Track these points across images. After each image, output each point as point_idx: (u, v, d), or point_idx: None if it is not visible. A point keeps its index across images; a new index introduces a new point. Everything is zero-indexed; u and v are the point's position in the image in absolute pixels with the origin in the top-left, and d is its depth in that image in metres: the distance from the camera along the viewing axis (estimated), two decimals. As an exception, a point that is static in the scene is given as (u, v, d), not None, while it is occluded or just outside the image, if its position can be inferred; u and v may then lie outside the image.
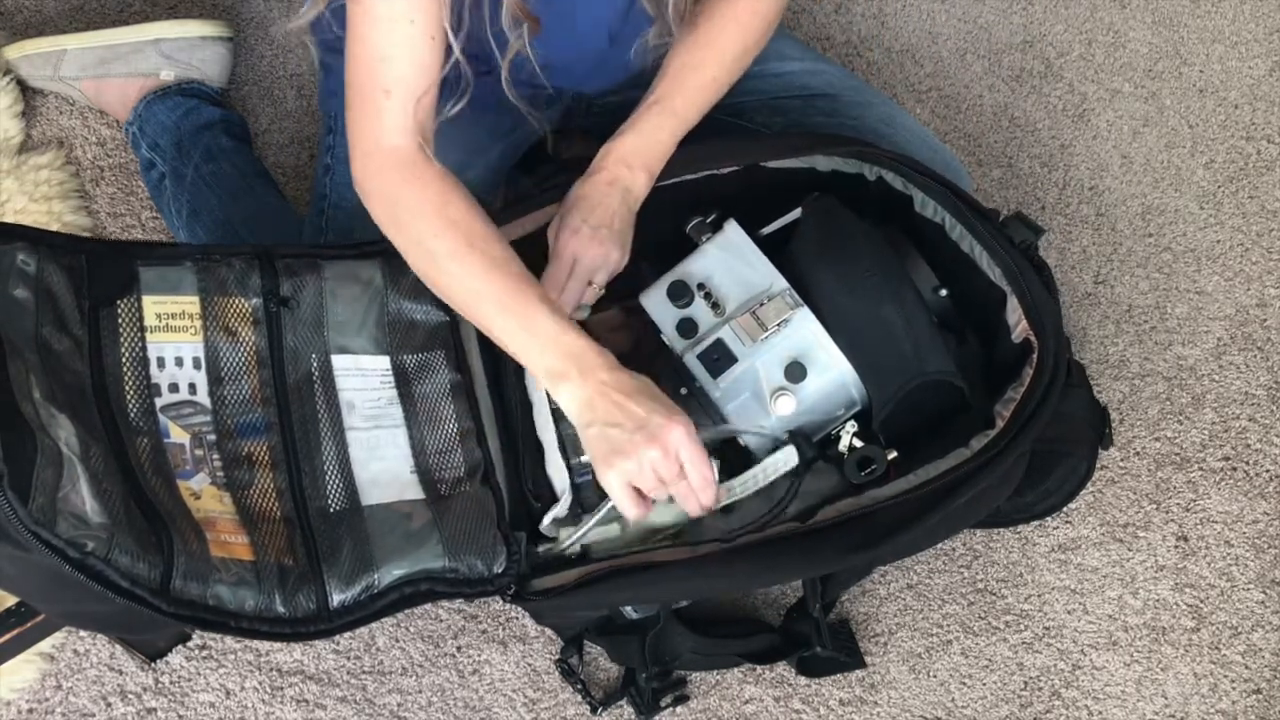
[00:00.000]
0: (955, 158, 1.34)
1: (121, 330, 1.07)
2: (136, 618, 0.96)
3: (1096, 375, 1.44)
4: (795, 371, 1.08)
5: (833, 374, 1.09)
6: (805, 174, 1.20)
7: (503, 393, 1.16)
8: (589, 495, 1.12)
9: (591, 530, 1.08)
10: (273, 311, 1.13)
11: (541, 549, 1.10)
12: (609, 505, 1.06)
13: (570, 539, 1.08)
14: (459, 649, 1.27)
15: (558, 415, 1.13)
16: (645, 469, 0.98)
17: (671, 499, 1.04)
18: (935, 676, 1.29)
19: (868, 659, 1.28)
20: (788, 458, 1.07)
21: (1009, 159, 1.59)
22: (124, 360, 1.06)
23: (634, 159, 1.15)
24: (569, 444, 1.12)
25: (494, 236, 1.06)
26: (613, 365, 1.01)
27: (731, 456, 1.15)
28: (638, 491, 1.01)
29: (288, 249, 1.16)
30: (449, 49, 1.04)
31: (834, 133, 1.29)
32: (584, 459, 1.12)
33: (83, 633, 1.23)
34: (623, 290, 1.17)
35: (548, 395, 1.12)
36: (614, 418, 0.99)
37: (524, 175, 1.40)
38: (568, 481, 1.10)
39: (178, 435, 1.06)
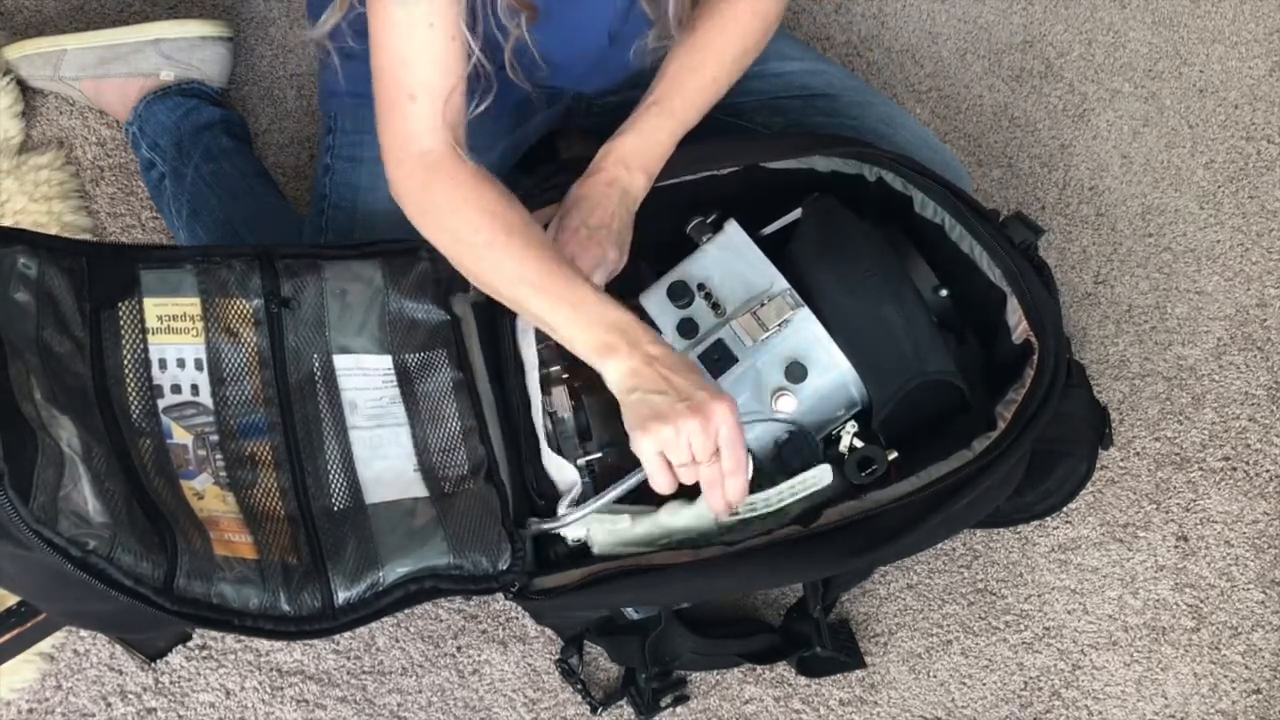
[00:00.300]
0: (955, 158, 1.34)
1: (123, 332, 1.07)
2: (138, 616, 0.96)
3: (1096, 375, 1.44)
4: (795, 371, 1.08)
5: (833, 374, 1.09)
6: (805, 174, 1.20)
7: (505, 389, 1.17)
8: (586, 498, 1.12)
9: (596, 510, 1.05)
10: (274, 312, 1.13)
11: (546, 525, 1.08)
12: (618, 490, 1.04)
13: (576, 515, 1.06)
14: (459, 649, 1.27)
15: (555, 419, 1.13)
16: (682, 439, 0.96)
17: (692, 498, 1.03)
18: (935, 676, 1.29)
19: (868, 659, 1.28)
20: (820, 476, 1.05)
21: (1009, 159, 1.60)
22: (125, 362, 1.06)
23: (633, 160, 1.15)
24: (566, 447, 1.12)
25: (530, 223, 1.06)
26: (660, 340, 1.01)
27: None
28: (669, 465, 0.99)
29: (288, 249, 1.16)
30: (469, 48, 1.04)
31: (834, 133, 1.29)
32: (580, 462, 1.12)
33: (83, 633, 1.23)
34: (623, 290, 1.17)
35: (543, 398, 1.12)
36: (659, 386, 0.98)
37: (524, 175, 1.40)
38: (574, 478, 1.10)
39: (180, 436, 1.06)
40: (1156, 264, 1.53)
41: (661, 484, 1.00)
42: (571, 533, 1.08)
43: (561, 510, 1.09)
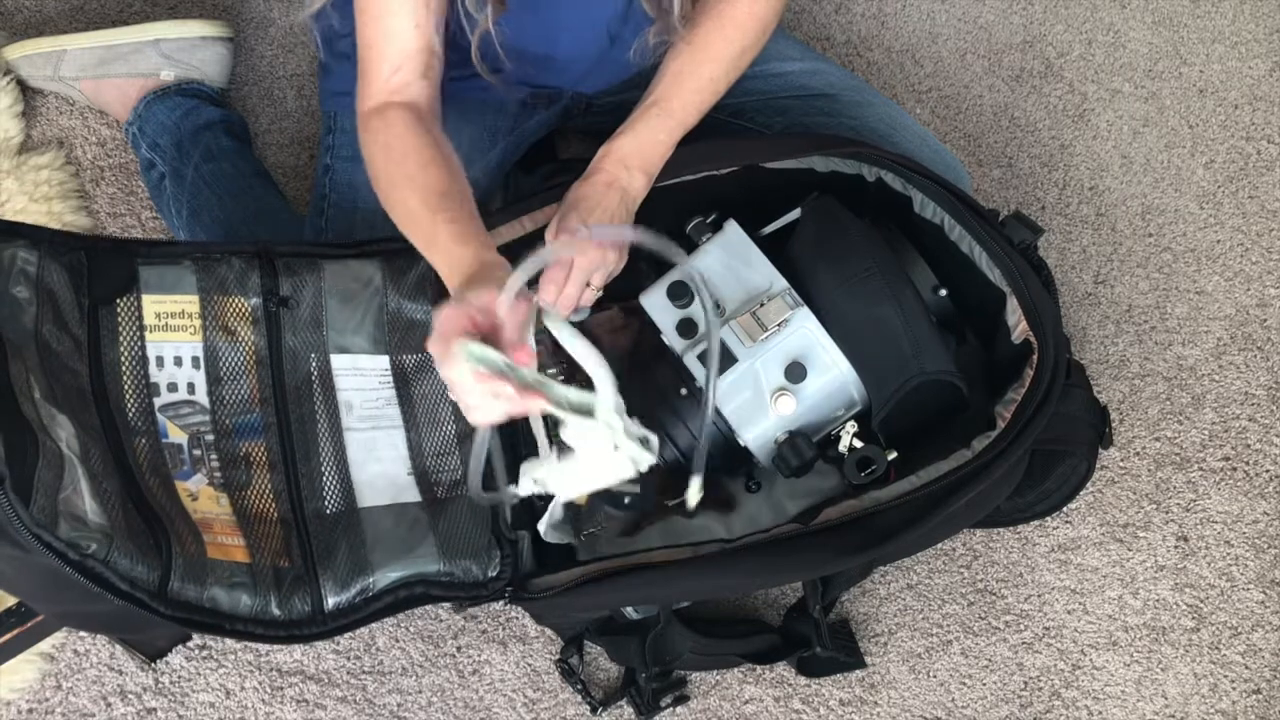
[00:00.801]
0: (955, 158, 1.34)
1: (121, 329, 1.07)
2: (132, 618, 0.96)
3: (1096, 375, 1.44)
4: (795, 372, 1.08)
5: (832, 374, 1.09)
6: (804, 174, 1.20)
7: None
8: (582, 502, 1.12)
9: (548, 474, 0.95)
10: (272, 311, 1.13)
11: (521, 487, 1.00)
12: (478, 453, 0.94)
13: (533, 484, 0.97)
14: (459, 649, 1.27)
15: (549, 420, 1.12)
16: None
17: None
18: (935, 676, 1.29)
19: (868, 659, 1.28)
20: (610, 394, 0.91)
21: (1009, 159, 1.59)
22: (123, 359, 1.06)
23: (632, 160, 1.15)
24: (560, 448, 1.12)
25: (432, 165, 1.07)
26: (472, 274, 0.95)
27: (734, 464, 1.15)
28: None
29: (287, 247, 1.17)
30: (438, 28, 1.11)
31: (834, 133, 1.29)
32: None
33: (83, 633, 1.23)
34: (623, 290, 1.17)
35: None
36: None
37: (524, 175, 1.40)
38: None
39: (175, 435, 1.06)
40: (1156, 264, 1.53)
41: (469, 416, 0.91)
42: (525, 490, 0.97)
43: (543, 528, 1.10)
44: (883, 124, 1.31)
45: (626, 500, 1.07)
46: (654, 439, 0.91)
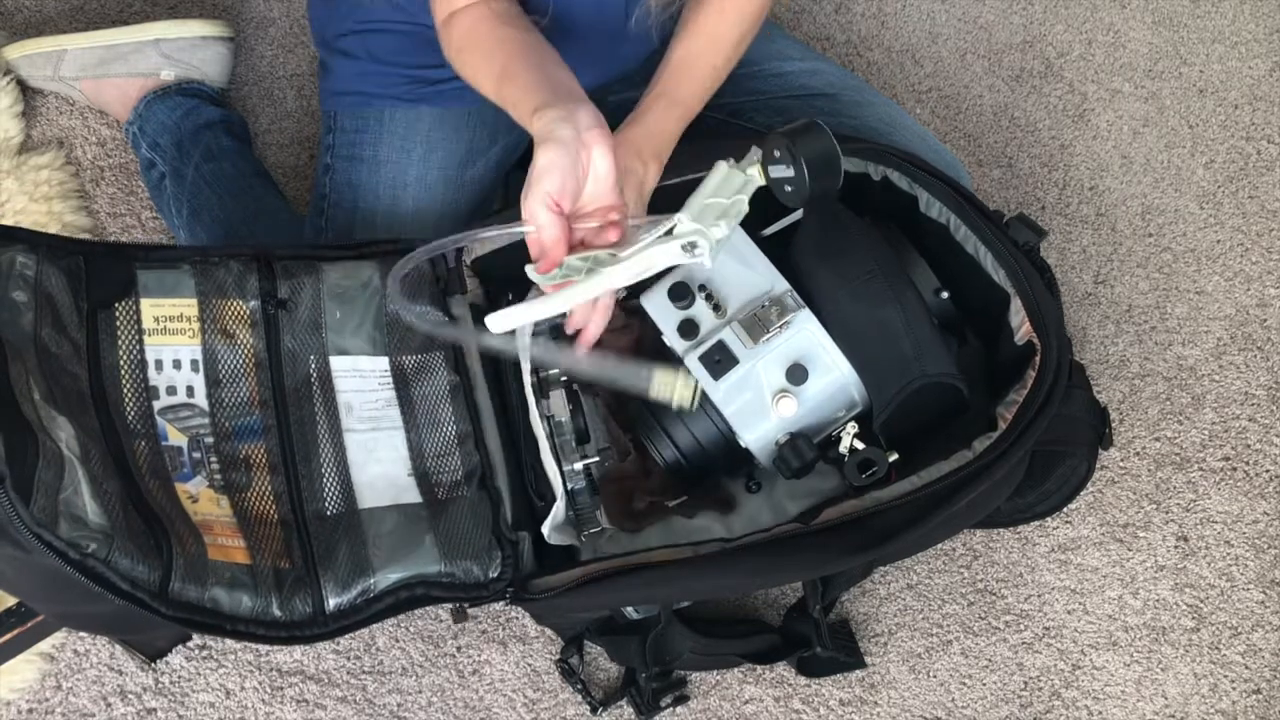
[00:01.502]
0: (955, 158, 1.34)
1: (119, 333, 1.07)
2: (132, 619, 0.96)
3: (1096, 375, 1.44)
4: (796, 373, 1.08)
5: (834, 376, 1.09)
6: (806, 175, 1.20)
7: (504, 391, 1.16)
8: (583, 501, 1.12)
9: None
10: (270, 314, 1.13)
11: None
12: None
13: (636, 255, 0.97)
14: (459, 649, 1.27)
15: (551, 422, 1.13)
16: None
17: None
18: (935, 676, 1.29)
19: (868, 659, 1.28)
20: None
21: (1009, 159, 1.59)
22: (122, 363, 1.06)
23: (645, 146, 1.15)
24: (564, 449, 1.12)
25: (491, 53, 1.09)
26: (538, 144, 1.01)
27: (734, 465, 1.15)
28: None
29: (286, 250, 1.16)
30: None
31: (836, 132, 1.29)
32: (576, 466, 1.12)
33: (83, 633, 1.23)
34: (625, 291, 1.17)
35: (541, 401, 1.13)
36: None
37: (523, 173, 1.40)
38: (561, 488, 1.10)
39: (175, 438, 1.06)
40: (1156, 264, 1.53)
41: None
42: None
43: (547, 530, 1.10)
44: (882, 123, 1.31)
45: (789, 188, 0.99)
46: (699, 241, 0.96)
